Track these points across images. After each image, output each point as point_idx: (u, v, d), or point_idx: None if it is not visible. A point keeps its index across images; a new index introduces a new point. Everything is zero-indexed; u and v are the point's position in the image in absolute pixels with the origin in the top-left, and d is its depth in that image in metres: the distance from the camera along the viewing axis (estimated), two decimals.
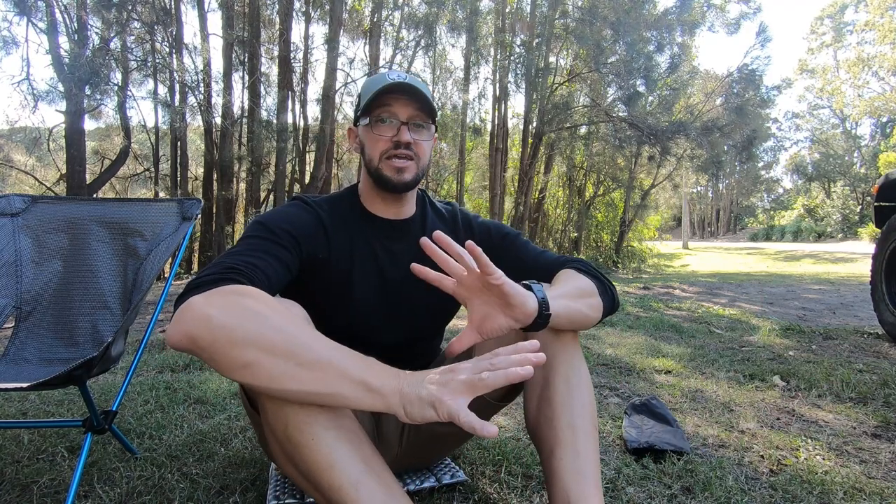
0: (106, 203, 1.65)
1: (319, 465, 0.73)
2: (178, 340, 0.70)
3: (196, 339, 0.68)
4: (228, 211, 9.48)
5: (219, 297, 0.71)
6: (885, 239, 3.15)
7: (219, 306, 0.69)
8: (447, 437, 1.17)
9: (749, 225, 41.51)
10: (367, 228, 1.08)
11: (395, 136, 1.00)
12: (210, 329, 0.68)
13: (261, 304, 0.71)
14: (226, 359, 0.68)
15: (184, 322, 0.69)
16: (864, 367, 2.42)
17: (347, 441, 0.75)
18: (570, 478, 0.85)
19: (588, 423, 0.90)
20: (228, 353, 0.67)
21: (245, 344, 0.67)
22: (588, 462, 0.86)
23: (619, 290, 6.29)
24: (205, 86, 8.90)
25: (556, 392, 0.91)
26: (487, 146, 12.42)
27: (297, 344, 0.69)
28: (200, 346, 0.68)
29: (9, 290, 1.48)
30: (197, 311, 0.69)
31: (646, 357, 2.62)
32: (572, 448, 0.86)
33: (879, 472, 1.35)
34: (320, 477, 0.73)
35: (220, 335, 0.67)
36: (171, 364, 2.45)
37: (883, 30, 26.87)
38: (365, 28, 10.65)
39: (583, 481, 0.84)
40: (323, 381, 0.68)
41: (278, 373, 0.68)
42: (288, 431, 0.74)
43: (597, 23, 10.14)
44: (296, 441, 0.73)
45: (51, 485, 1.23)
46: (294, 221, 1.00)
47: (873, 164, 27.97)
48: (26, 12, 7.03)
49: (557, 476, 0.86)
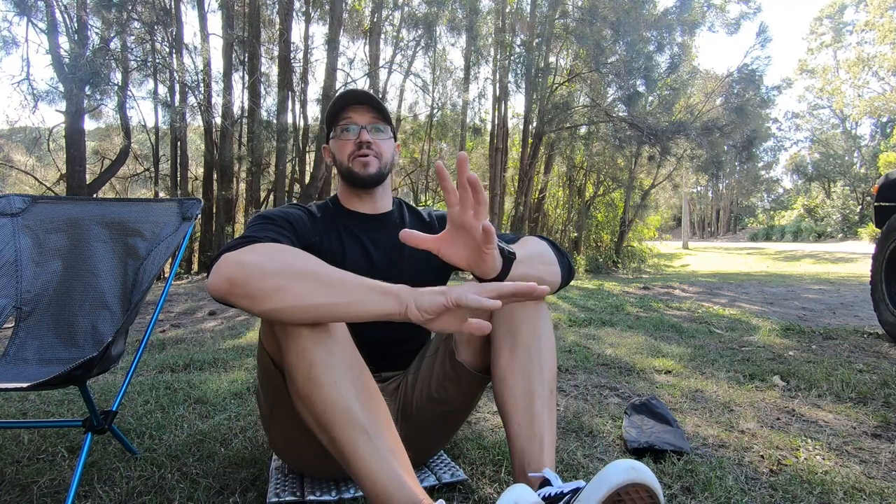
0: (106, 203, 1.65)
1: (338, 405, 0.81)
2: (218, 286, 0.79)
3: (233, 279, 0.78)
4: (228, 211, 9.48)
5: (249, 249, 0.83)
6: (885, 239, 3.15)
7: (249, 252, 0.82)
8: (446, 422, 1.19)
9: (749, 225, 41.51)
10: (351, 222, 1.22)
11: (357, 139, 1.17)
12: (244, 268, 0.78)
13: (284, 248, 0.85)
14: (259, 289, 0.78)
15: (221, 268, 0.80)
16: (864, 367, 2.41)
17: (364, 389, 0.84)
18: (525, 441, 0.93)
19: (545, 391, 0.97)
20: (260, 283, 0.77)
21: (274, 273, 0.78)
22: (543, 426, 0.93)
23: (619, 291, 6.30)
24: (205, 86, 8.91)
25: (516, 360, 0.98)
26: (487, 146, 12.42)
27: (319, 267, 0.81)
28: (236, 283, 0.78)
29: (9, 290, 1.48)
30: (232, 258, 0.80)
31: (646, 357, 2.62)
32: (528, 414, 0.94)
33: (879, 472, 1.35)
34: (335, 417, 0.81)
35: (254, 270, 0.78)
36: (171, 364, 2.45)
37: (883, 30, 26.86)
38: (365, 28, 10.65)
39: (536, 442, 0.92)
40: (343, 292, 0.79)
41: (304, 291, 0.78)
42: (312, 371, 0.82)
43: (597, 23, 10.14)
44: (318, 381, 0.81)
45: (51, 485, 1.23)
46: (289, 213, 1.12)
47: (873, 164, 27.96)
48: (26, 12, 7.03)
49: (515, 441, 0.94)
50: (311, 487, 1.17)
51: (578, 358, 2.57)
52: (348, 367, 0.83)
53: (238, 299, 0.79)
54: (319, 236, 1.15)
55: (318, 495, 1.12)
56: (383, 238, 1.21)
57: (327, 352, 0.82)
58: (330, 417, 0.80)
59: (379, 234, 1.22)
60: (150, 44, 8.68)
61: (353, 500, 1.14)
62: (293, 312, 0.79)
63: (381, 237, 1.21)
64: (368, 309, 0.79)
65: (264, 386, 1.06)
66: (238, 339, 3.17)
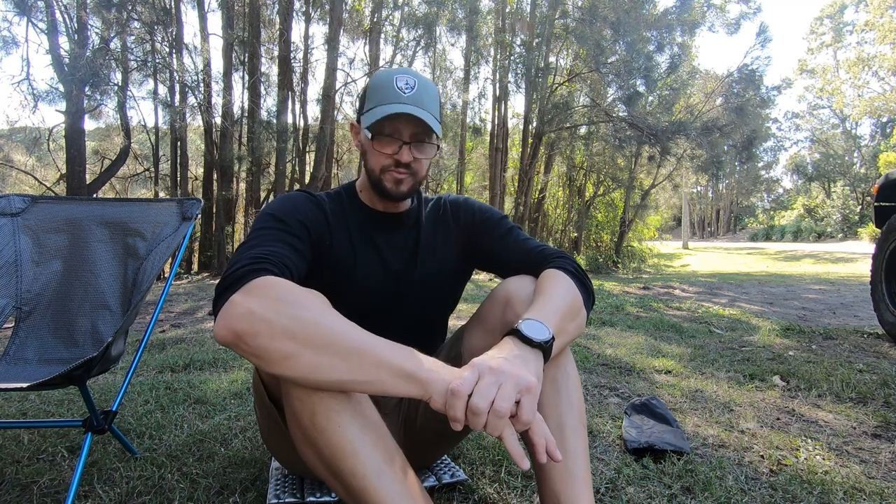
0: (106, 203, 1.65)
1: (344, 452, 0.75)
2: (225, 336, 0.73)
3: (241, 334, 0.72)
4: (228, 211, 9.48)
5: (256, 291, 0.75)
6: (885, 239, 3.15)
7: (258, 301, 0.73)
8: (445, 437, 1.17)
9: (749, 225, 41.48)
10: (365, 221, 1.11)
11: (395, 154, 1.01)
12: (252, 323, 0.71)
13: (294, 296, 0.75)
14: (267, 351, 0.72)
15: (229, 318, 0.73)
16: (864, 367, 2.41)
17: (372, 432, 0.77)
18: (560, 478, 0.85)
19: (576, 422, 0.89)
20: (269, 345, 0.71)
21: (284, 336, 0.71)
22: (577, 462, 0.86)
23: (619, 291, 6.30)
24: (205, 86, 8.91)
25: (542, 393, 0.89)
26: (487, 146, 12.43)
27: (333, 334, 0.72)
28: (243, 339, 0.72)
29: (9, 290, 1.48)
30: (239, 308, 0.73)
31: (646, 357, 2.62)
32: (561, 448, 0.85)
33: (879, 472, 1.35)
34: (343, 464, 0.75)
35: (262, 329, 0.71)
36: (171, 364, 2.45)
37: (883, 30, 26.85)
38: (365, 28, 10.65)
39: (572, 481, 0.84)
40: (361, 369, 0.71)
41: (317, 363, 0.71)
42: (315, 418, 0.76)
43: (597, 23, 10.14)
44: (322, 427, 0.76)
45: (51, 485, 1.23)
46: (301, 209, 1.02)
47: (873, 164, 27.96)
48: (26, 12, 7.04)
49: (547, 477, 0.86)
50: (311, 488, 1.17)
51: (578, 358, 2.57)
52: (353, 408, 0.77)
53: (246, 355, 0.74)
54: (331, 233, 1.06)
55: (318, 496, 1.12)
56: (399, 239, 1.13)
57: (328, 394, 0.76)
58: (339, 466, 0.75)
59: (394, 234, 1.13)
60: (150, 44, 8.68)
61: None
62: (305, 381, 0.74)
63: (396, 238, 1.12)
64: (388, 391, 0.72)
65: (259, 405, 1.02)
66: None
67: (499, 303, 0.98)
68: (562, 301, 0.89)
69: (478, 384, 0.69)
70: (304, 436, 0.78)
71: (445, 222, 1.17)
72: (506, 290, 0.98)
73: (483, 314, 1.02)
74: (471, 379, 0.70)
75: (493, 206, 10.93)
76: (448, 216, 1.17)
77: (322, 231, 1.04)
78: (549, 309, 0.86)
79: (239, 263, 0.81)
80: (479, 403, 0.67)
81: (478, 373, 0.71)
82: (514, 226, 1.14)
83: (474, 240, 1.14)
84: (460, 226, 1.16)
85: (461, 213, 1.17)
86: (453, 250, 1.15)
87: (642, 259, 14.03)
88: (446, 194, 1.23)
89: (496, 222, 1.14)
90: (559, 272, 0.97)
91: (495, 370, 0.71)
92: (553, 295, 0.90)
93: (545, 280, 0.95)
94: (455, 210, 1.18)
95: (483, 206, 1.19)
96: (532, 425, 0.72)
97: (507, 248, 1.09)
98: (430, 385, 0.71)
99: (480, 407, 0.67)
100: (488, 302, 1.02)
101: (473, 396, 0.68)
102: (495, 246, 1.11)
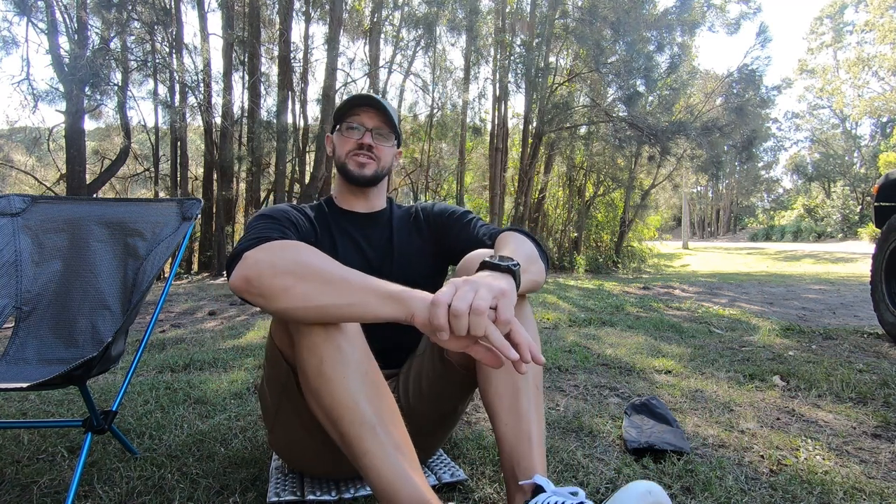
0: (106, 203, 1.65)
1: (345, 401, 0.82)
2: (237, 283, 0.84)
3: (248, 277, 0.83)
4: (228, 211, 9.49)
5: (264, 247, 0.87)
6: (885, 239, 3.16)
7: (265, 252, 0.85)
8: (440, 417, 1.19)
9: (749, 225, 41.47)
10: (344, 221, 1.26)
11: (360, 140, 1.20)
12: (257, 266, 0.83)
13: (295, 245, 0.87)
14: (269, 287, 0.81)
15: (239, 267, 0.85)
16: (864, 367, 2.41)
17: (373, 387, 0.84)
18: (513, 440, 0.91)
19: (530, 385, 0.95)
20: (271, 281, 0.81)
21: (283, 272, 0.81)
22: (530, 423, 0.92)
23: (619, 291, 6.31)
24: (205, 86, 8.91)
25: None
26: (487, 146, 12.42)
27: (324, 268, 0.82)
28: (250, 281, 0.82)
29: (9, 290, 1.48)
30: (248, 258, 0.85)
31: (646, 357, 2.62)
32: (515, 411, 0.93)
33: (879, 472, 1.35)
34: (343, 412, 0.81)
35: (265, 269, 0.82)
36: (171, 364, 2.45)
37: (883, 30, 26.84)
38: (365, 28, 10.65)
39: (524, 441, 0.91)
40: (345, 292, 0.80)
41: (309, 290, 0.80)
42: (322, 367, 0.83)
43: (597, 23, 10.14)
44: (328, 376, 0.83)
45: (51, 485, 1.23)
46: (287, 211, 1.16)
47: (873, 164, 27.95)
48: (26, 12, 7.04)
49: (503, 439, 0.93)
50: (312, 487, 1.17)
51: (578, 358, 2.57)
52: (358, 364, 0.84)
53: (253, 297, 0.83)
54: (315, 236, 1.19)
55: (318, 495, 1.12)
56: (376, 235, 1.26)
57: (337, 348, 0.84)
58: (338, 413, 0.82)
59: (372, 231, 1.26)
60: (150, 44, 8.69)
61: (352, 500, 1.14)
62: (301, 313, 0.82)
63: (374, 234, 1.26)
64: (371, 312, 0.80)
65: (271, 382, 1.07)
66: (238, 339, 3.17)
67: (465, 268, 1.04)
68: (520, 248, 0.98)
69: (456, 293, 0.76)
70: (310, 385, 0.85)
71: (418, 225, 1.29)
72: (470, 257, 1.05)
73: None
74: (449, 291, 0.77)
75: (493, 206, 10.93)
76: (420, 219, 1.30)
77: (307, 231, 1.17)
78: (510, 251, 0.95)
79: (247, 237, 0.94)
80: (459, 306, 0.73)
81: (454, 286, 0.78)
82: (475, 217, 1.26)
83: (442, 236, 1.26)
84: (430, 226, 1.28)
85: (431, 215, 1.30)
86: (427, 250, 1.27)
87: (642, 259, 14.03)
88: (420, 202, 1.38)
89: (459, 216, 1.25)
90: (514, 233, 1.08)
91: (470, 281, 0.78)
92: (511, 244, 1.00)
93: (502, 237, 1.07)
94: (426, 213, 1.31)
95: (451, 206, 1.31)
96: (512, 326, 0.77)
97: (469, 236, 1.20)
98: (411, 302, 0.78)
99: (461, 309, 0.73)
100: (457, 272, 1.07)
101: (454, 301, 0.74)
102: (459, 235, 1.21)
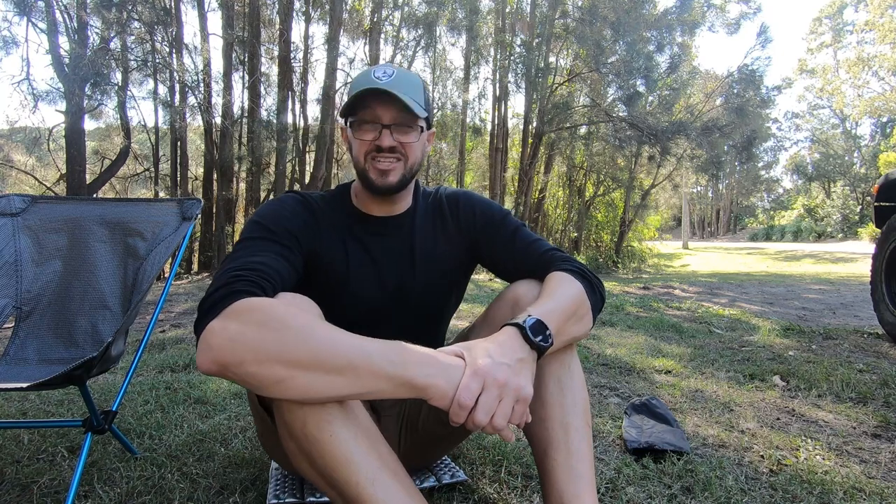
0: (106, 203, 1.65)
1: (337, 461, 0.74)
2: (209, 367, 0.72)
3: (225, 364, 0.71)
4: (228, 211, 9.48)
5: (234, 316, 0.73)
6: (885, 239, 3.15)
7: (237, 327, 0.72)
8: (446, 438, 1.17)
9: (749, 225, 41.45)
10: (359, 228, 1.07)
11: (376, 140, 0.98)
12: (234, 352, 0.70)
13: (276, 316, 0.72)
14: (257, 378, 0.71)
15: (209, 349, 0.72)
16: (864, 367, 2.41)
17: (365, 438, 0.76)
18: (564, 477, 0.84)
19: (581, 421, 0.89)
20: (258, 371, 0.70)
21: (271, 361, 0.69)
22: (581, 461, 0.86)
23: (619, 291, 6.30)
24: (205, 86, 8.91)
25: (547, 392, 0.90)
26: (487, 146, 12.42)
27: (322, 351, 0.70)
28: (229, 368, 0.71)
29: (9, 290, 1.48)
30: (219, 337, 0.72)
31: (646, 357, 2.62)
32: (565, 447, 0.86)
33: (879, 472, 1.35)
34: (337, 473, 0.74)
35: (247, 356, 0.70)
36: (171, 364, 2.45)
37: (883, 30, 26.84)
38: (365, 28, 10.65)
39: (576, 480, 0.84)
40: (355, 381, 0.71)
41: (310, 382, 0.70)
42: (306, 429, 0.74)
43: (597, 23, 10.14)
44: (314, 438, 0.74)
45: (51, 485, 1.23)
46: (290, 217, 1.00)
47: (873, 164, 27.93)
48: (26, 12, 7.03)
49: (551, 476, 0.86)
50: (311, 488, 1.17)
51: (578, 358, 2.56)
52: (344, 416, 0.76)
53: (237, 382, 0.73)
54: (322, 242, 1.03)
55: (318, 496, 1.12)
56: (396, 244, 1.08)
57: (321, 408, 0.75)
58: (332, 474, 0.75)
59: (392, 239, 1.08)
60: (150, 44, 8.68)
61: None
62: (303, 400, 0.73)
63: (393, 245, 1.08)
64: (388, 398, 0.73)
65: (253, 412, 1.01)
66: None
67: (507, 304, 0.98)
68: (566, 301, 0.89)
69: (481, 397, 0.72)
70: (296, 446, 0.77)
71: (444, 222, 1.11)
72: (514, 293, 0.98)
73: (490, 315, 1.02)
74: (474, 389, 0.72)
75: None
76: (446, 214, 1.12)
77: (312, 239, 1.02)
78: (552, 308, 0.86)
79: (215, 286, 0.79)
80: (481, 419, 0.71)
81: (481, 382, 0.72)
82: (518, 225, 1.10)
83: (478, 245, 1.10)
84: (461, 227, 1.11)
85: (461, 212, 1.12)
86: (453, 254, 1.11)
87: (642, 259, 14.03)
88: (443, 187, 1.17)
89: (500, 223, 1.09)
90: (565, 274, 0.96)
91: (499, 382, 0.73)
92: (557, 295, 0.90)
93: (550, 281, 0.94)
94: (454, 207, 1.12)
95: (483, 201, 1.14)
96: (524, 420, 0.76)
97: (514, 255, 1.06)
98: (428, 390, 0.72)
99: (482, 422, 0.71)
100: (496, 303, 1.02)
101: (476, 411, 0.71)
102: (501, 252, 1.07)
